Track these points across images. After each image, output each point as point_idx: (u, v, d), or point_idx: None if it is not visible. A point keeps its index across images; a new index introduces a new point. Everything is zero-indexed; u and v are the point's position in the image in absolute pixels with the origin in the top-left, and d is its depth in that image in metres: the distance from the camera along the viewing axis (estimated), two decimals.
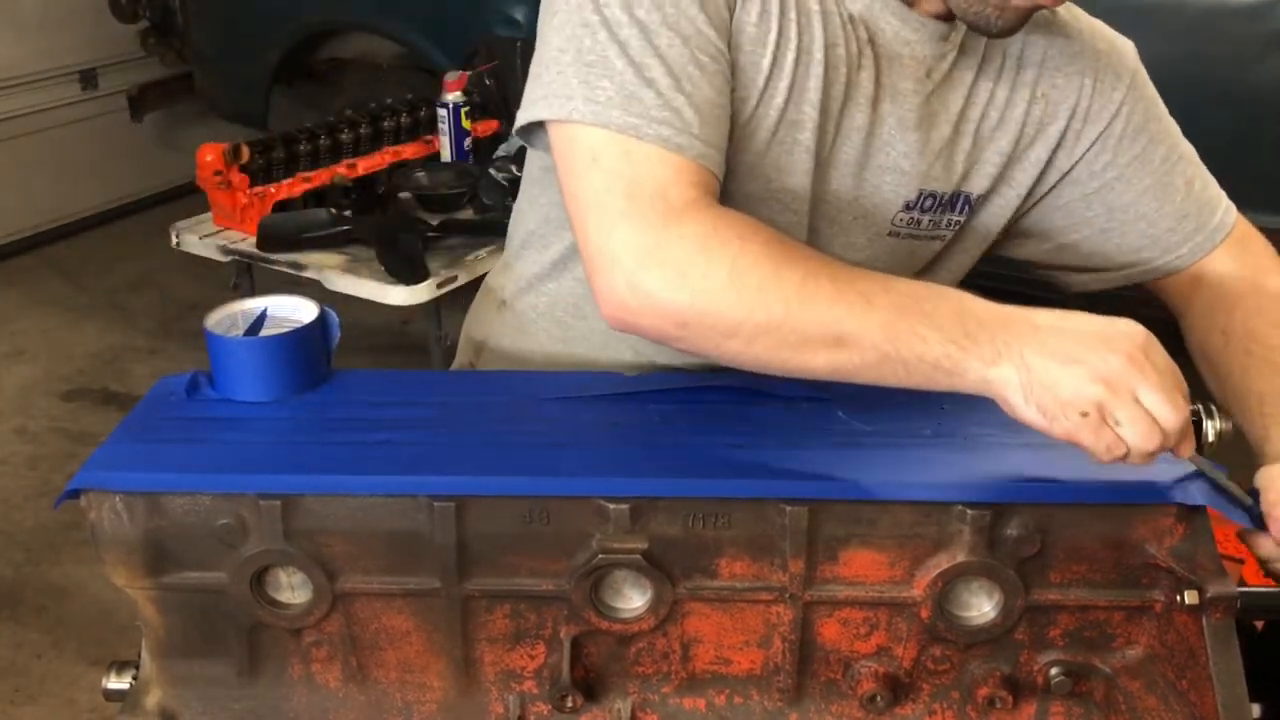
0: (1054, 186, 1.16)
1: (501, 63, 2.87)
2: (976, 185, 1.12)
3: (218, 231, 2.63)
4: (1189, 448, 0.84)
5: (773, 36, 0.99)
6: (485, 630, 0.90)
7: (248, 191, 2.58)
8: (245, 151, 2.56)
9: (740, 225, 0.90)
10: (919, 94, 1.06)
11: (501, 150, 2.86)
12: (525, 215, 1.19)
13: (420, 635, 0.90)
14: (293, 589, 0.89)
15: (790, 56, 0.99)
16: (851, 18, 1.03)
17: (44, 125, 4.03)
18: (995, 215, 1.16)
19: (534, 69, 0.99)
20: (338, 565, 0.87)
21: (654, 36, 0.93)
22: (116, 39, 4.10)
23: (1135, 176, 1.15)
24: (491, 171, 2.70)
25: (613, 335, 0.96)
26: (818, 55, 1.00)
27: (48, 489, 2.77)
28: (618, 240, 0.90)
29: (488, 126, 2.92)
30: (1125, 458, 0.82)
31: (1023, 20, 1.00)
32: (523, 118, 0.99)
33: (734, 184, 1.01)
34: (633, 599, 0.88)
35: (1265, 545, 0.91)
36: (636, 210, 0.90)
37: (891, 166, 1.07)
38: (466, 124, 2.83)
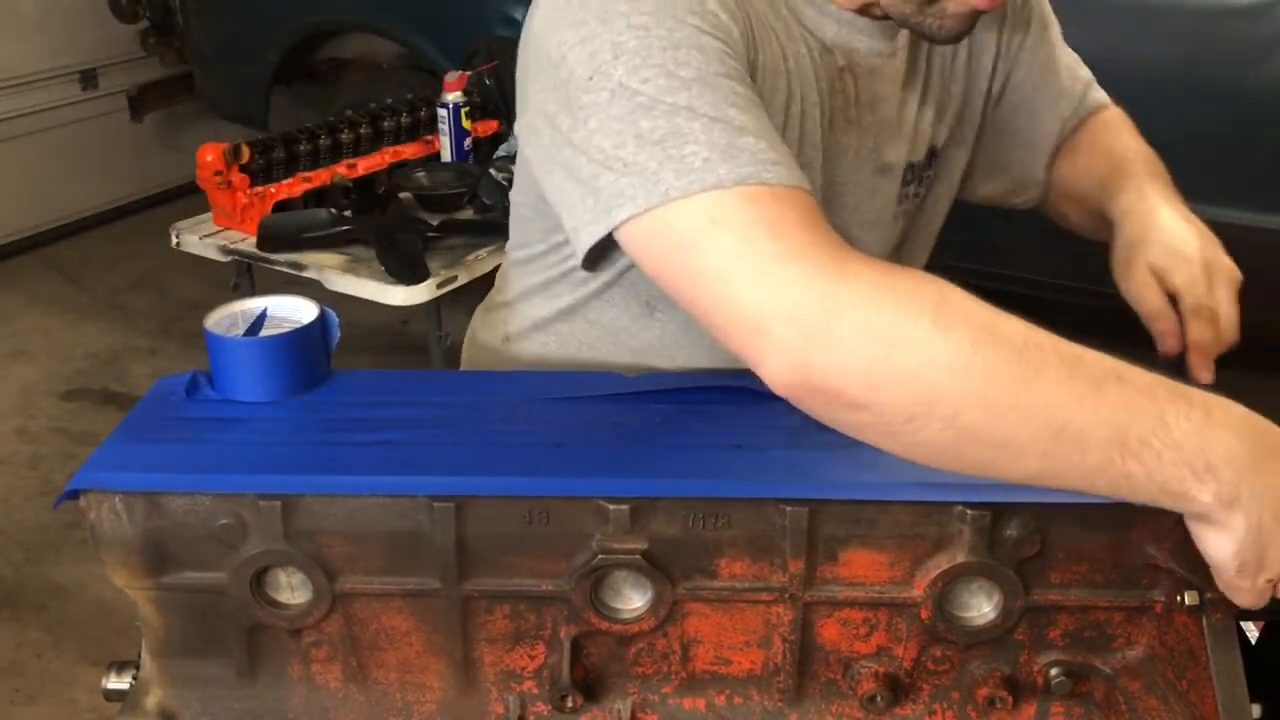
0: (996, 110, 1.23)
1: (501, 63, 2.87)
2: (939, 137, 1.17)
3: (218, 231, 2.63)
4: None
5: (781, 93, 0.98)
6: (485, 630, 0.90)
7: (248, 191, 2.57)
8: (245, 151, 2.56)
9: (914, 271, 0.80)
10: (896, 94, 1.09)
11: (501, 150, 2.86)
12: (524, 273, 1.14)
13: (420, 635, 0.90)
14: (292, 589, 0.89)
15: (797, 109, 1.00)
16: (825, 47, 1.02)
17: (44, 125, 4.03)
18: (957, 159, 1.21)
19: (577, 185, 0.88)
20: (337, 566, 0.87)
21: (715, 90, 0.85)
22: (116, 39, 4.10)
23: (1033, 58, 1.22)
24: (491, 171, 2.70)
25: (628, 371, 0.93)
26: (813, 98, 1.01)
27: (48, 489, 2.77)
28: (781, 287, 0.77)
29: (488, 126, 2.92)
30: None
31: (967, 25, 0.98)
32: (595, 233, 0.87)
33: None
34: (633, 599, 0.88)
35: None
36: (789, 251, 0.78)
37: (883, 167, 1.11)
38: (466, 124, 2.83)
